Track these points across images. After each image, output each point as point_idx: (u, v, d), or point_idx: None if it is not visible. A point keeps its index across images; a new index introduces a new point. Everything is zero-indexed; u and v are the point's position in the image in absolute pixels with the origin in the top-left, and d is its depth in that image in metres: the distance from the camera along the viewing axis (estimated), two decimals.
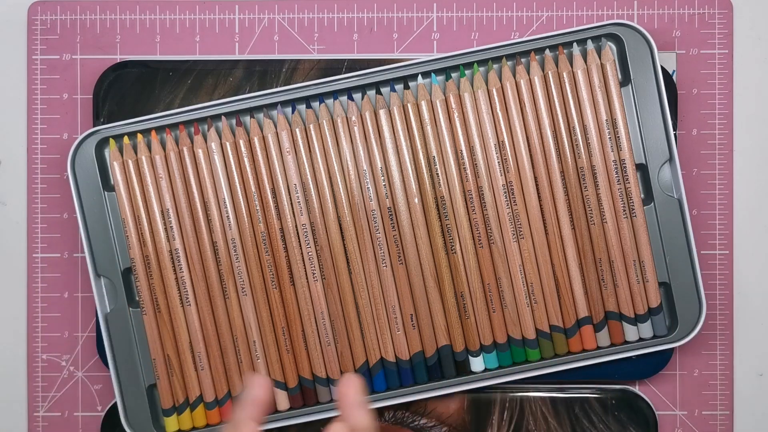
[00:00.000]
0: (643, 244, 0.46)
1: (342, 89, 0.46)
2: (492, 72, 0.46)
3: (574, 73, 0.45)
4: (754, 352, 0.49)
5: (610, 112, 0.46)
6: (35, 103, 0.49)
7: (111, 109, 0.48)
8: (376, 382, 0.47)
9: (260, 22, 0.49)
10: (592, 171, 0.45)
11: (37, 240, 0.49)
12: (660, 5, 0.49)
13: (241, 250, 0.46)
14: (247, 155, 0.46)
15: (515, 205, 0.46)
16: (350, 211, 0.46)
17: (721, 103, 0.49)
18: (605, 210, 0.46)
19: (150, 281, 0.46)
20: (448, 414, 0.48)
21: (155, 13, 0.49)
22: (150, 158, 0.46)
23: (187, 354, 0.46)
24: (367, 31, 0.49)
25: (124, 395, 0.46)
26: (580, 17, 0.49)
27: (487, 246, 0.46)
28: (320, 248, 0.46)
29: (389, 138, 0.45)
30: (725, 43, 0.49)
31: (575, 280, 0.46)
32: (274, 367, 0.46)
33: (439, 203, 0.46)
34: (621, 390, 0.48)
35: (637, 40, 0.46)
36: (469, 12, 0.49)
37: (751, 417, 0.49)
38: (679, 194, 0.46)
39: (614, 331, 0.47)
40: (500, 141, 0.45)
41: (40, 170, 0.49)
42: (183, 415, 0.47)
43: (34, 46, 0.49)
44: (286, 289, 0.46)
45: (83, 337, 0.49)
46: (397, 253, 0.46)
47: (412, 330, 0.46)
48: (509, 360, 0.47)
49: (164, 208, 0.46)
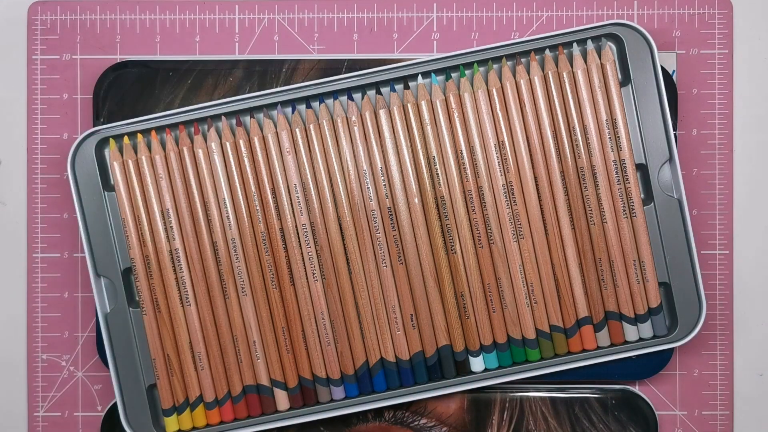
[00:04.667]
0: (643, 244, 0.46)
1: (342, 89, 0.46)
2: (492, 72, 0.46)
3: (574, 73, 0.45)
4: (754, 352, 0.49)
5: (610, 112, 0.46)
6: (35, 103, 0.49)
7: (111, 109, 0.48)
8: (376, 382, 0.47)
9: (260, 22, 0.49)
10: (592, 171, 0.45)
11: (37, 240, 0.49)
12: (660, 5, 0.49)
13: (241, 250, 0.46)
14: (247, 155, 0.46)
15: (515, 205, 0.46)
16: (350, 211, 0.46)
17: (721, 103, 0.49)
18: (605, 210, 0.46)
19: (150, 281, 0.46)
20: (448, 414, 0.48)
21: (155, 13, 0.49)
22: (150, 158, 0.46)
23: (187, 354, 0.46)
24: (367, 31, 0.49)
25: (124, 395, 0.46)
26: (580, 17, 0.49)
27: (487, 246, 0.46)
28: (320, 248, 0.46)
29: (389, 138, 0.45)
30: (725, 43, 0.49)
31: (575, 280, 0.46)
32: (274, 367, 0.46)
33: (439, 203, 0.46)
34: (621, 390, 0.48)
35: (637, 40, 0.46)
36: (469, 12, 0.49)
37: (751, 417, 0.49)
38: (679, 194, 0.46)
39: (614, 331, 0.47)
40: (500, 141, 0.45)
41: (40, 170, 0.49)
42: (183, 415, 0.47)
43: (34, 46, 0.49)
44: (286, 289, 0.46)
45: (83, 337, 0.49)
46: (397, 253, 0.46)
47: (412, 330, 0.46)
48: (509, 360, 0.47)
49: (164, 208, 0.46)
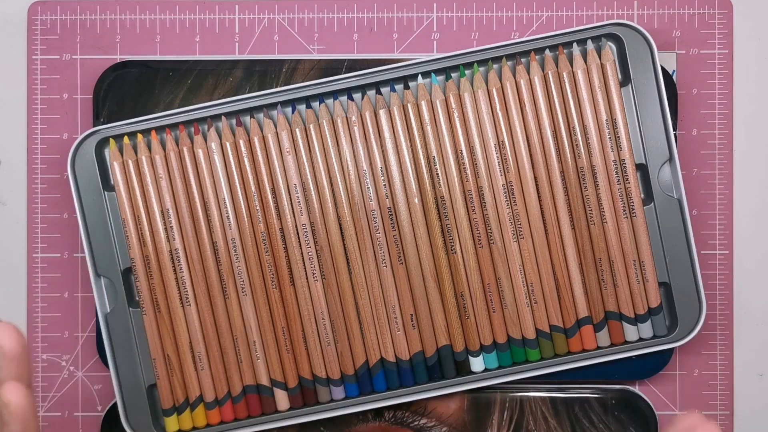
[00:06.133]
0: (643, 244, 0.46)
1: (342, 89, 0.46)
2: (492, 72, 0.46)
3: (574, 73, 0.45)
4: (754, 352, 0.49)
5: (610, 112, 0.46)
6: (35, 103, 0.49)
7: (111, 109, 0.48)
8: (376, 382, 0.47)
9: (260, 22, 0.49)
10: (592, 171, 0.45)
11: (37, 240, 0.49)
12: (660, 5, 0.49)
13: (241, 250, 0.46)
14: (247, 155, 0.46)
15: (515, 205, 0.46)
16: (350, 211, 0.46)
17: (721, 103, 0.49)
18: (605, 210, 0.46)
19: (150, 281, 0.46)
20: (448, 414, 0.48)
21: (155, 13, 0.49)
22: (150, 158, 0.46)
23: (187, 354, 0.46)
24: (367, 31, 0.49)
25: (124, 395, 0.46)
26: (580, 17, 0.49)
27: (487, 246, 0.46)
28: (320, 248, 0.46)
29: (389, 138, 0.45)
30: (725, 43, 0.49)
31: (575, 280, 0.46)
32: (274, 367, 0.46)
33: (439, 203, 0.46)
34: (621, 390, 0.48)
35: (637, 40, 0.46)
36: (469, 12, 0.49)
37: (751, 417, 0.49)
38: (679, 194, 0.46)
39: (614, 331, 0.47)
40: (500, 141, 0.45)
41: (40, 170, 0.49)
42: (183, 415, 0.47)
43: (34, 46, 0.49)
44: (286, 289, 0.46)
45: (83, 337, 0.49)
46: (397, 253, 0.46)
47: (412, 330, 0.46)
48: (509, 360, 0.47)
49: (164, 208, 0.46)
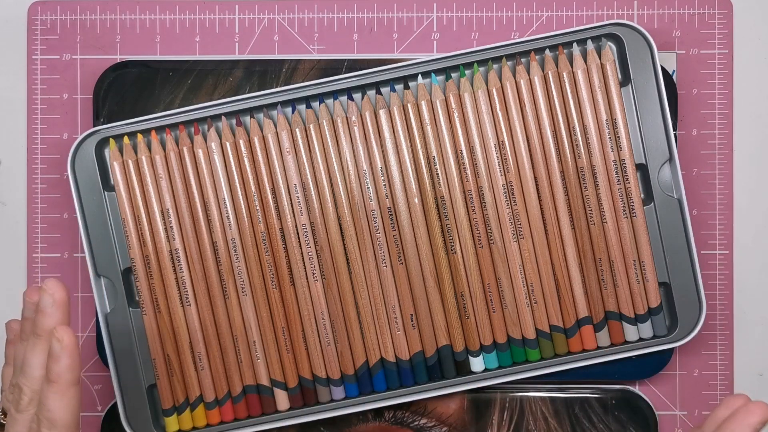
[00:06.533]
0: (643, 244, 0.46)
1: (342, 89, 0.46)
2: (492, 72, 0.46)
3: (574, 73, 0.45)
4: (754, 352, 0.49)
5: (610, 112, 0.46)
6: (35, 103, 0.49)
7: (111, 109, 0.48)
8: (376, 382, 0.47)
9: (260, 22, 0.49)
10: (592, 171, 0.45)
11: (37, 240, 0.49)
12: (660, 5, 0.49)
13: (241, 250, 0.46)
14: (247, 155, 0.46)
15: (515, 205, 0.46)
16: (350, 211, 0.46)
17: (721, 103, 0.49)
18: (605, 210, 0.46)
19: (150, 281, 0.46)
20: (448, 414, 0.48)
21: (155, 13, 0.49)
22: (150, 158, 0.46)
23: (187, 354, 0.46)
24: (367, 31, 0.49)
25: (124, 395, 0.46)
26: (580, 17, 0.49)
27: (487, 246, 0.46)
28: (320, 248, 0.46)
29: (389, 138, 0.45)
30: (725, 43, 0.49)
31: (575, 280, 0.46)
32: (274, 367, 0.46)
33: (439, 203, 0.46)
34: (621, 390, 0.48)
35: (637, 40, 0.46)
36: (469, 12, 0.49)
37: None
38: (679, 194, 0.46)
39: (614, 331, 0.47)
40: (500, 141, 0.45)
41: (40, 170, 0.49)
42: (183, 415, 0.47)
43: (34, 46, 0.49)
44: (286, 289, 0.46)
45: (83, 337, 0.49)
46: (397, 253, 0.46)
47: (412, 330, 0.46)
48: (509, 360, 0.47)
49: (164, 208, 0.46)
